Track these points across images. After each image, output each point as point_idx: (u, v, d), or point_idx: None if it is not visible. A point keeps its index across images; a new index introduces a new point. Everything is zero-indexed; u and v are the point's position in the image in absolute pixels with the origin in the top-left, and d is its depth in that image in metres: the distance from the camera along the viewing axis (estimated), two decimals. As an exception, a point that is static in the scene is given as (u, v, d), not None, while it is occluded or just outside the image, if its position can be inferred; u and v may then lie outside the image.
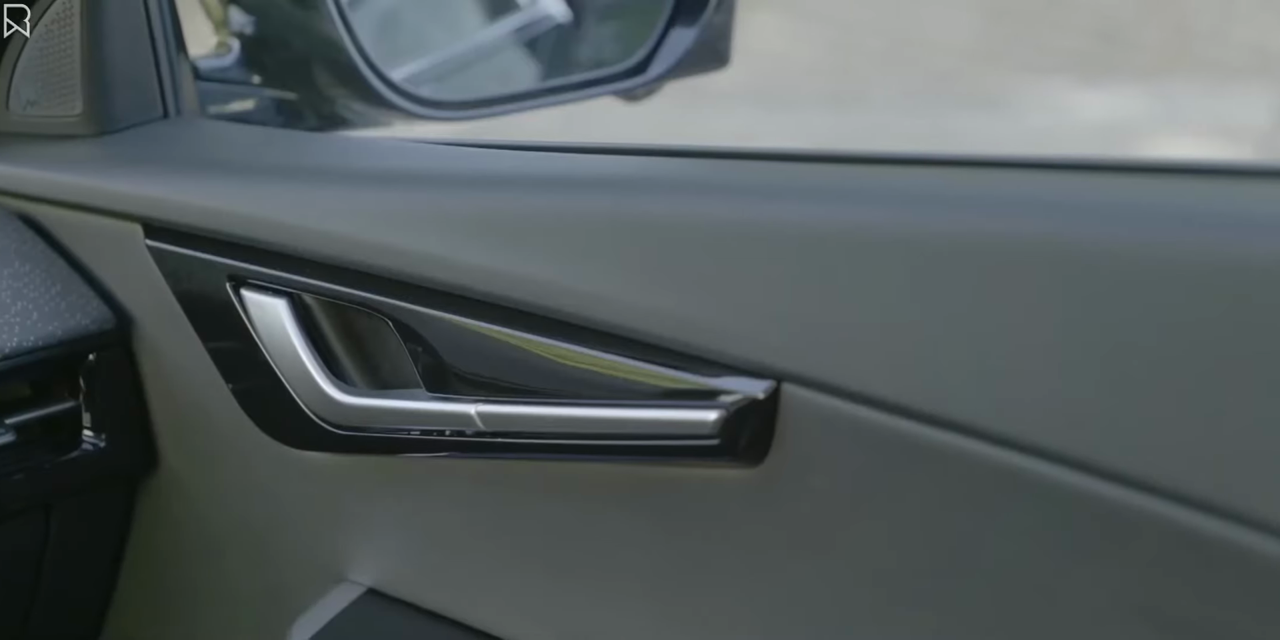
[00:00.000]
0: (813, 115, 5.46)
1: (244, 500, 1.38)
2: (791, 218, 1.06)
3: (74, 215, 1.40)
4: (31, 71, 1.47)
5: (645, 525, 1.16)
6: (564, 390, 1.12)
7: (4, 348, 1.32)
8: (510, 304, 1.13)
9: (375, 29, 1.65)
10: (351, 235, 1.21)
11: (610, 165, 1.25)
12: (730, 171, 1.20)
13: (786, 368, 1.03)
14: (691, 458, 1.09)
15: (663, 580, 1.16)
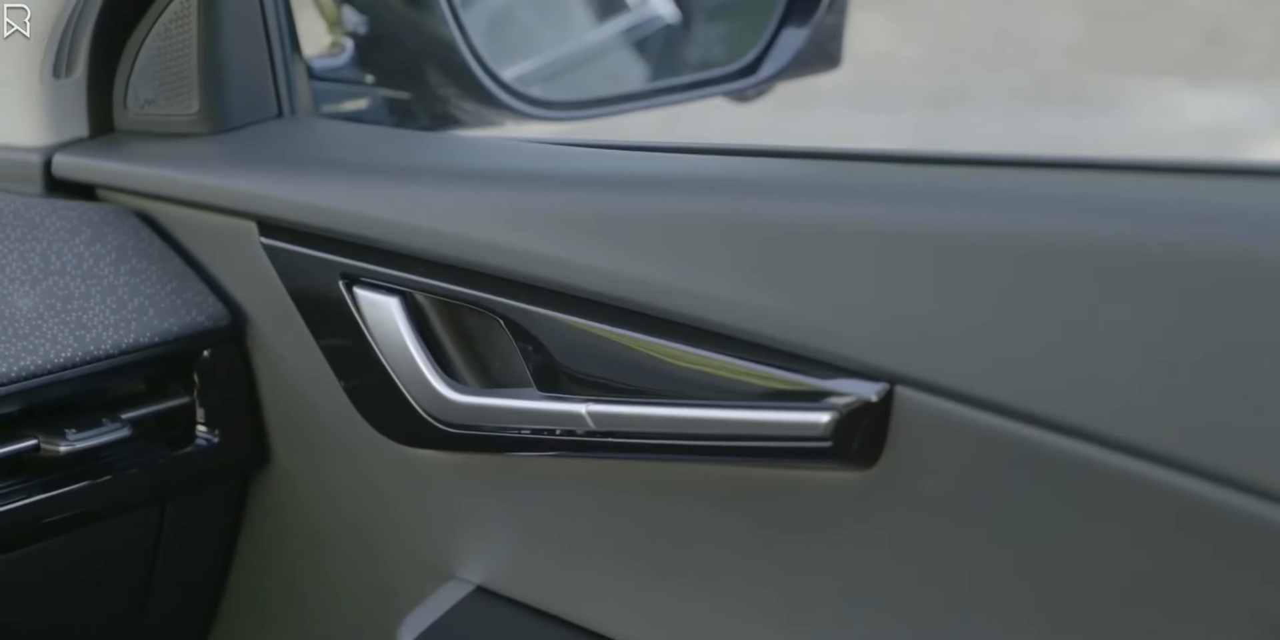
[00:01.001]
0: (917, 116, 5.44)
1: (354, 497, 1.39)
2: (904, 219, 1.05)
3: (190, 213, 1.41)
4: (149, 71, 1.48)
5: (752, 527, 1.16)
6: (675, 391, 1.12)
7: (121, 343, 1.34)
8: (621, 304, 1.13)
9: (486, 28, 1.66)
10: (463, 234, 1.21)
11: (720, 166, 1.25)
12: (838, 172, 1.20)
13: (900, 370, 1.02)
14: (802, 460, 1.09)
15: (768, 583, 1.16)
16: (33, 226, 1.37)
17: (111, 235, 1.40)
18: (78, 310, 1.33)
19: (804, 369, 1.06)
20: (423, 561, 1.35)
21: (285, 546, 1.46)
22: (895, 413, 1.03)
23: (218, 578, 1.50)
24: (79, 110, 1.51)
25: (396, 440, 1.30)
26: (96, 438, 1.32)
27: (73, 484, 1.33)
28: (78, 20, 1.46)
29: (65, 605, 1.42)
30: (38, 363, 1.29)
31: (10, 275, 1.32)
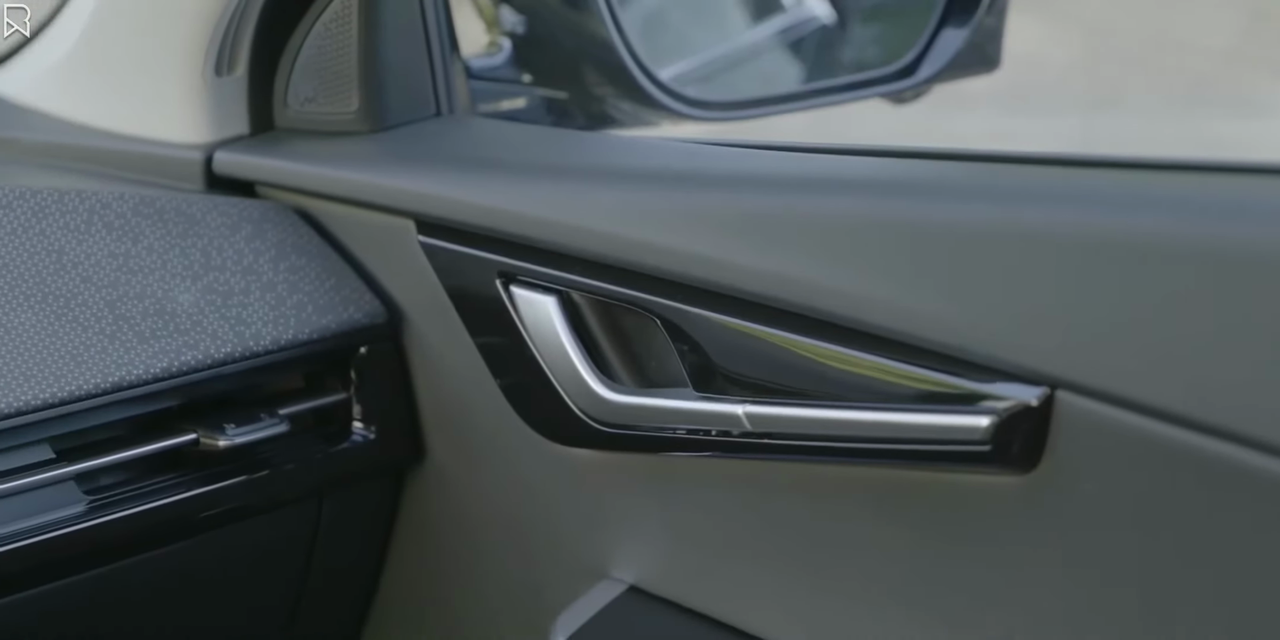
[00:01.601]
0: (1068, 119, 5.39)
1: (508, 495, 1.40)
2: (1065, 222, 1.04)
3: (349, 210, 1.42)
4: (309, 69, 1.50)
5: (907, 530, 1.15)
6: (831, 392, 1.12)
7: (280, 339, 1.35)
8: (778, 305, 1.13)
9: (641, 28, 1.66)
10: (621, 234, 1.21)
11: (876, 167, 1.24)
12: (994, 175, 1.19)
13: (1060, 374, 1.01)
14: (960, 463, 1.07)
15: (923, 587, 1.15)
16: (194, 222, 1.39)
17: (271, 232, 1.41)
18: (237, 306, 1.35)
19: (962, 372, 1.05)
20: (576, 560, 1.36)
21: (439, 543, 1.47)
22: (1055, 417, 1.02)
23: (372, 574, 1.51)
24: (240, 108, 1.53)
25: (551, 439, 1.31)
26: (255, 433, 1.33)
27: (230, 479, 1.34)
28: (240, 19, 1.48)
29: (221, 599, 1.43)
30: (198, 358, 1.30)
31: (172, 271, 1.34)
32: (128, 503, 1.29)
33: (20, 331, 1.24)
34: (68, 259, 1.31)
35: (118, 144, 1.57)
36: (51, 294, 1.28)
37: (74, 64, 1.64)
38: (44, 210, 1.32)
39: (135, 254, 1.34)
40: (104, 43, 1.59)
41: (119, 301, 1.30)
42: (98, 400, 1.25)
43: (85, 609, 1.33)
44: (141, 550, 1.32)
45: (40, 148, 1.62)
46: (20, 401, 1.21)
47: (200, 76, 1.50)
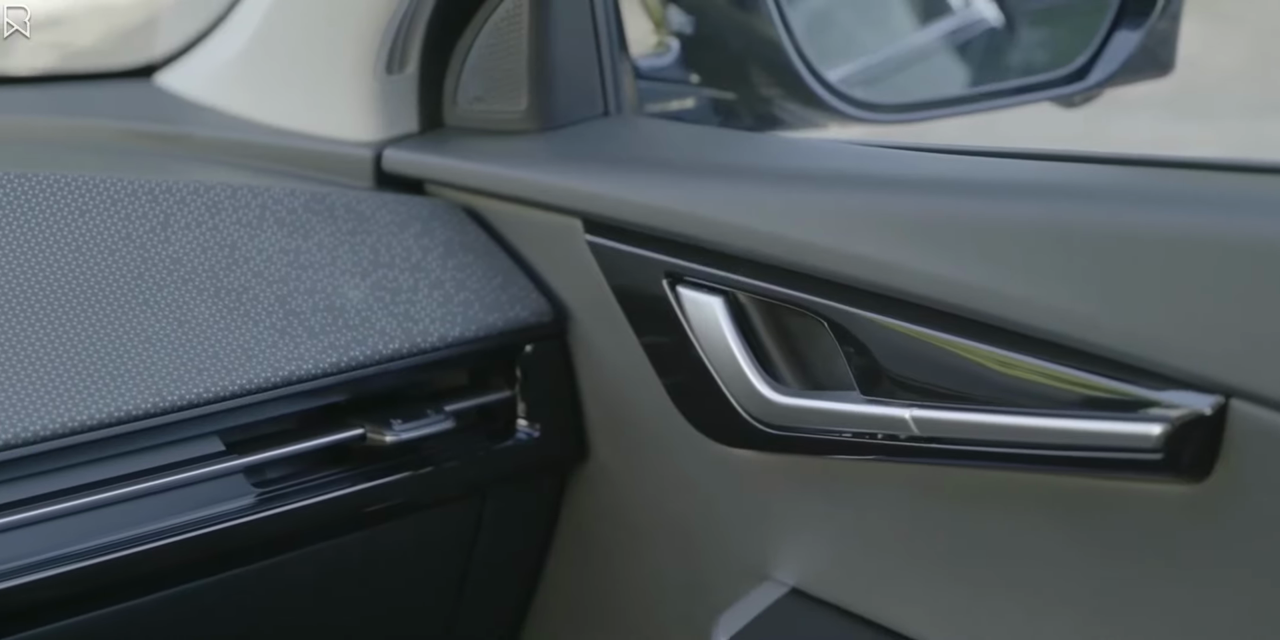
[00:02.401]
0: (1239, 124, 5.31)
1: (671, 494, 1.40)
2: (1239, 228, 1.03)
3: (516, 209, 1.43)
4: (479, 68, 1.51)
5: (1073, 538, 1.13)
6: (999, 397, 1.11)
7: (447, 337, 1.36)
8: (946, 308, 1.12)
9: (808, 29, 1.65)
10: (789, 236, 1.21)
11: (1045, 172, 1.23)
12: (1166, 180, 1.18)
13: (1235, 382, 0.99)
14: (1130, 471, 1.06)
15: (1088, 597, 1.14)
16: (363, 220, 1.40)
17: (439, 230, 1.42)
18: (405, 303, 1.36)
19: (1132, 378, 1.04)
20: (738, 561, 1.35)
21: (601, 541, 1.47)
22: (1230, 426, 1.00)
23: (533, 572, 1.51)
24: (409, 106, 1.54)
25: (715, 439, 1.31)
26: (421, 429, 1.34)
27: (395, 474, 1.35)
28: (411, 17, 1.49)
29: (383, 594, 1.44)
30: (366, 353, 1.31)
31: (341, 267, 1.35)
32: (295, 496, 1.30)
33: (193, 325, 1.26)
34: (240, 254, 1.32)
35: (289, 141, 1.59)
36: (224, 288, 1.29)
37: (247, 61, 1.67)
38: (217, 205, 1.34)
39: (306, 250, 1.35)
40: (277, 40, 1.61)
41: (289, 297, 1.31)
42: (267, 394, 1.27)
43: (250, 601, 1.34)
44: (306, 544, 1.34)
45: (212, 143, 1.64)
46: (192, 394, 1.22)
47: (371, 74, 1.52)
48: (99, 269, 1.26)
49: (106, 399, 1.19)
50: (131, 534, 1.21)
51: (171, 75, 1.80)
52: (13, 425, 1.15)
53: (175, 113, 1.73)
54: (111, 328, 1.23)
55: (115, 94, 1.85)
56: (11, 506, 1.16)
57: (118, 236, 1.28)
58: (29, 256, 1.24)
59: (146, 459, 1.23)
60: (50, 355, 1.19)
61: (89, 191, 1.29)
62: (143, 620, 1.27)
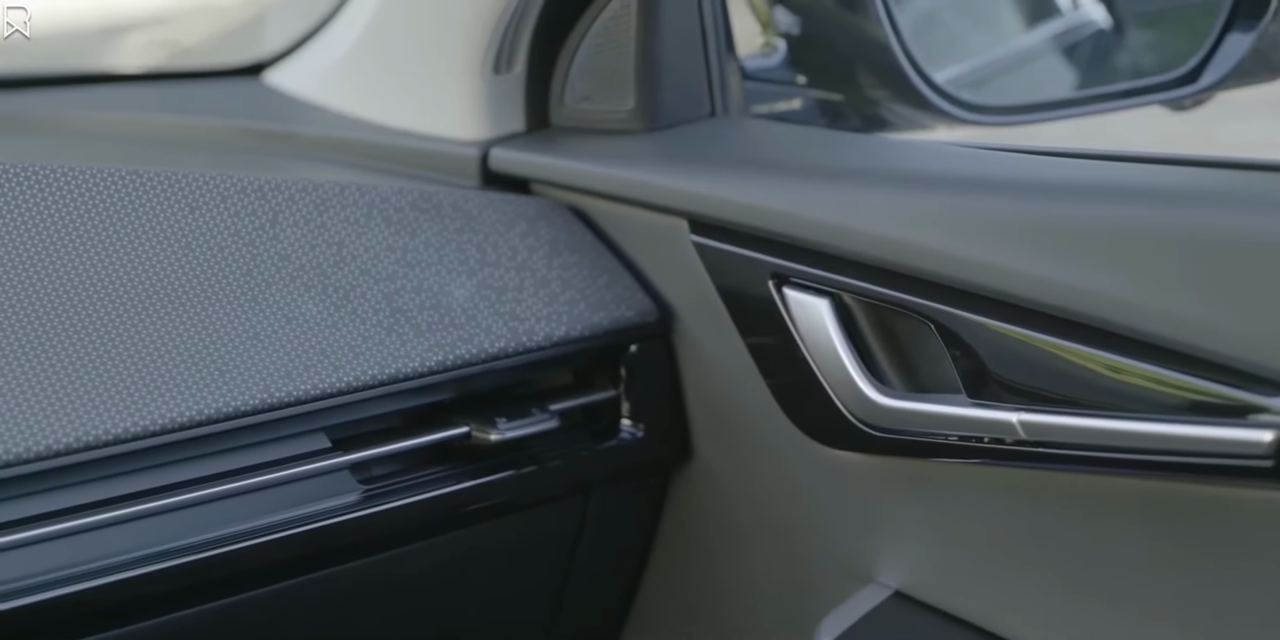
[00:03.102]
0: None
1: (774, 495, 1.39)
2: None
3: (622, 209, 1.43)
4: (586, 68, 1.51)
5: (1180, 545, 1.12)
6: (1106, 401, 1.10)
7: (552, 336, 1.36)
8: (1055, 311, 1.11)
9: (914, 30, 1.64)
10: (897, 238, 1.20)
11: (1155, 175, 1.22)
12: (1276, 184, 1.16)
13: None
14: (1238, 478, 1.05)
15: (1194, 604, 1.12)
16: (470, 218, 1.40)
17: (545, 229, 1.42)
18: (511, 302, 1.36)
19: (1242, 384, 1.02)
20: (841, 563, 1.35)
21: (703, 542, 1.47)
22: None
23: (635, 572, 1.51)
24: (516, 105, 1.55)
25: (819, 441, 1.30)
26: (525, 427, 1.34)
27: (499, 473, 1.36)
28: (519, 18, 1.49)
29: (485, 593, 1.45)
30: (472, 352, 1.32)
31: (448, 266, 1.36)
32: (399, 494, 1.31)
33: (301, 322, 1.26)
34: (348, 252, 1.33)
35: (396, 139, 1.60)
36: (332, 286, 1.30)
37: (355, 60, 1.68)
38: (326, 203, 1.35)
39: (413, 248, 1.36)
40: (386, 40, 1.62)
41: (396, 294, 1.32)
42: (374, 391, 1.27)
43: (352, 599, 1.35)
44: (409, 542, 1.34)
45: (320, 142, 1.66)
46: (300, 391, 1.23)
47: (479, 74, 1.52)
48: (208, 266, 1.27)
49: (215, 395, 1.20)
50: (237, 530, 1.22)
51: (280, 74, 1.82)
52: (123, 420, 1.16)
53: (283, 111, 1.75)
54: (220, 324, 1.24)
55: (224, 92, 1.87)
56: (120, 501, 1.17)
57: (227, 233, 1.29)
58: (140, 253, 1.25)
59: (253, 455, 1.24)
60: (161, 351, 1.20)
61: (199, 188, 1.30)
62: (245, 616, 1.27)
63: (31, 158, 1.26)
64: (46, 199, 1.24)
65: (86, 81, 2.05)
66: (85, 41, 3.70)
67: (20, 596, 1.13)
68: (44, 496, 1.14)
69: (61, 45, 3.65)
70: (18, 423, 1.12)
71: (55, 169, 1.26)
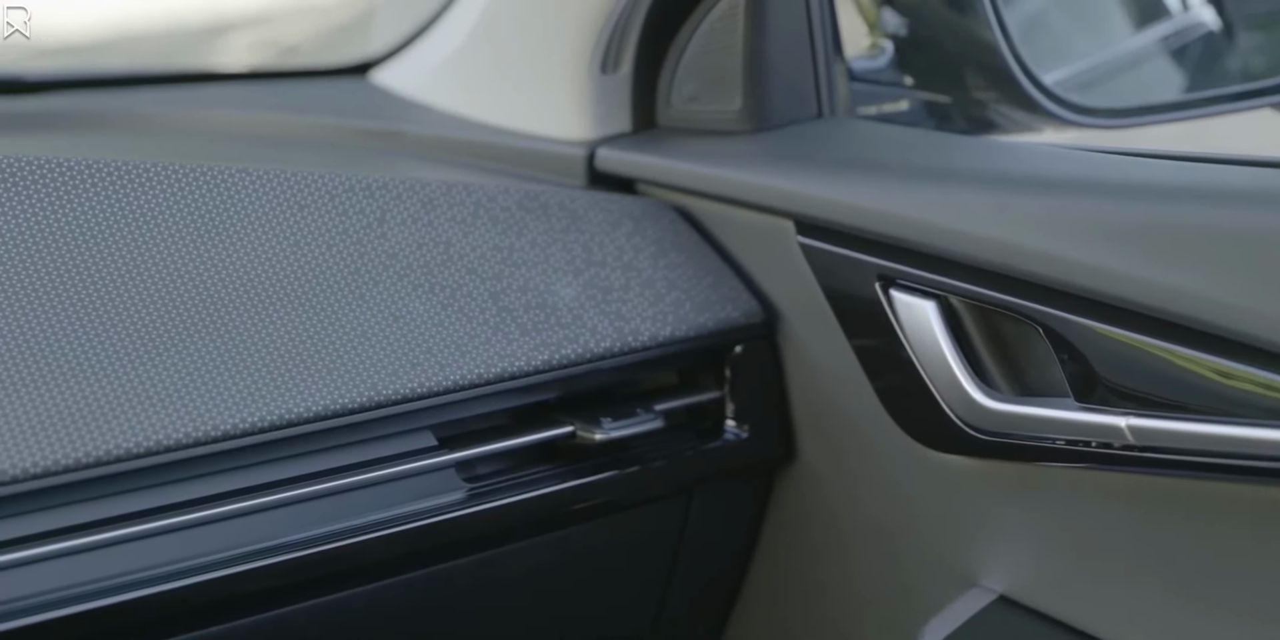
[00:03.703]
0: None
1: (878, 498, 1.39)
2: None
3: (728, 209, 1.43)
4: (694, 68, 1.51)
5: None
6: (1218, 407, 1.09)
7: (658, 336, 1.36)
8: (1165, 316, 1.10)
9: (1023, 31, 1.63)
10: (1006, 240, 1.20)
11: (1265, 179, 1.21)
12: None
13: None
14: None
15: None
16: (576, 218, 1.41)
17: (651, 229, 1.43)
18: (617, 301, 1.36)
19: None
20: (945, 566, 1.34)
21: (806, 544, 1.47)
22: None
23: (737, 573, 1.51)
24: (623, 105, 1.55)
25: (925, 443, 1.30)
26: (630, 427, 1.34)
27: (604, 472, 1.36)
28: (627, 18, 1.49)
29: (588, 592, 1.45)
30: (578, 351, 1.32)
31: (554, 265, 1.36)
32: (504, 492, 1.31)
33: (409, 320, 1.27)
34: (454, 250, 1.33)
35: (502, 138, 1.61)
36: (439, 284, 1.30)
37: (462, 60, 1.69)
38: (433, 202, 1.35)
39: (519, 248, 1.36)
40: (493, 40, 1.63)
41: (502, 293, 1.32)
42: (480, 390, 1.28)
43: (456, 597, 1.35)
44: (513, 541, 1.35)
45: (426, 141, 1.66)
46: (407, 389, 1.24)
47: (587, 74, 1.52)
48: (317, 264, 1.28)
49: (323, 392, 1.20)
50: (342, 526, 1.23)
51: (386, 73, 1.83)
52: (232, 417, 1.16)
53: (390, 110, 1.76)
54: (328, 322, 1.24)
55: (331, 91, 1.88)
56: (227, 497, 1.18)
57: (335, 231, 1.30)
58: (250, 251, 1.26)
59: (360, 452, 1.24)
60: (270, 348, 1.21)
61: (308, 187, 1.31)
62: (347, 614, 1.28)
63: (141, 155, 1.28)
64: (157, 196, 1.25)
65: (193, 80, 2.07)
66: (191, 40, 3.74)
67: (125, 592, 1.14)
68: (153, 491, 1.16)
69: (167, 44, 3.69)
70: (130, 419, 1.13)
71: (166, 166, 1.27)
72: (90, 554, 1.12)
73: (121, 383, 1.15)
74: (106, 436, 1.12)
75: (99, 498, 1.13)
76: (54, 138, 1.68)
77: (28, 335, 1.14)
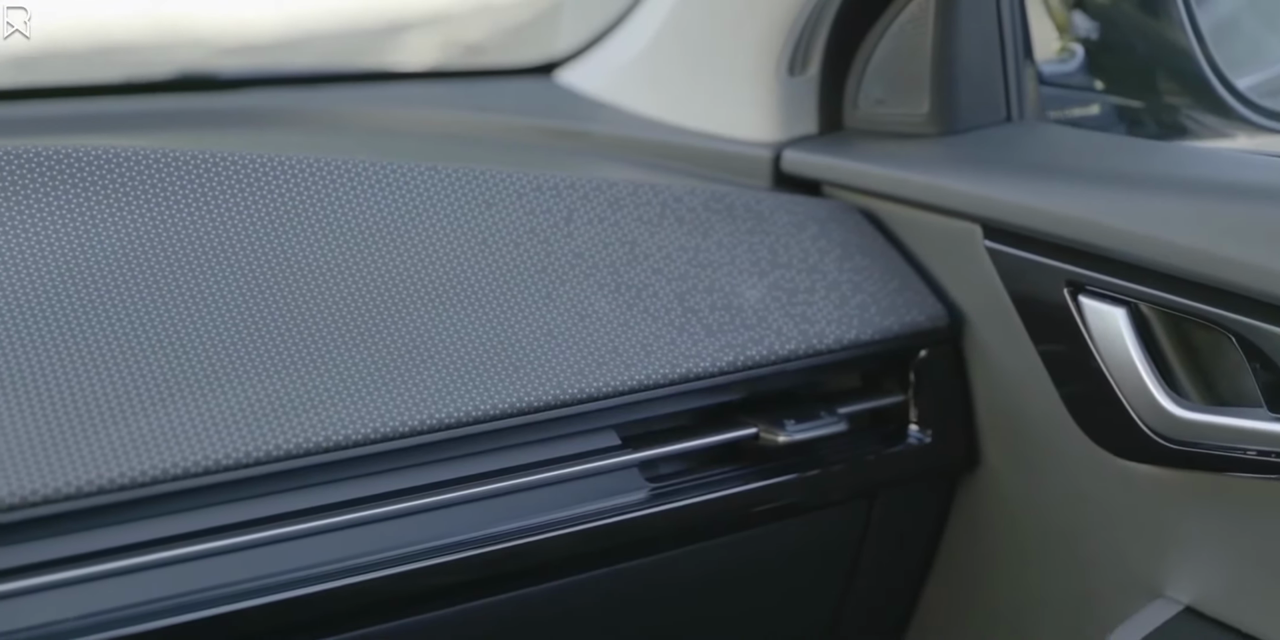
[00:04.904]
0: None
1: (1062, 506, 1.37)
2: None
3: (914, 213, 1.42)
4: (882, 71, 1.50)
5: None
6: None
7: (842, 339, 1.35)
8: None
9: (1216, 35, 1.60)
10: (1199, 248, 1.18)
11: None
12: None
13: None
14: None
15: None
16: (762, 219, 1.41)
17: (836, 231, 1.42)
18: (802, 304, 1.36)
19: None
20: (1130, 576, 1.33)
21: (987, 550, 1.46)
22: None
23: (917, 577, 1.50)
24: (809, 107, 1.55)
25: (1112, 451, 1.28)
26: (814, 430, 1.34)
27: (786, 475, 1.36)
28: (815, 20, 1.49)
29: (766, 595, 1.45)
30: (763, 353, 1.32)
31: (739, 266, 1.36)
32: (686, 493, 1.31)
33: (595, 319, 1.27)
34: (640, 250, 1.34)
35: (687, 139, 1.61)
36: (624, 284, 1.31)
37: (649, 60, 1.69)
38: (619, 202, 1.36)
39: (705, 248, 1.36)
40: (681, 41, 1.63)
41: (688, 294, 1.32)
42: (665, 390, 1.28)
43: (634, 596, 1.36)
44: (693, 541, 1.35)
45: (610, 140, 1.67)
46: (592, 388, 1.24)
47: (774, 76, 1.53)
48: (504, 262, 1.28)
49: (509, 390, 1.21)
50: (527, 524, 1.24)
51: (572, 73, 1.84)
52: (419, 413, 1.17)
53: (575, 109, 1.77)
54: (515, 320, 1.25)
55: (517, 90, 1.89)
56: (415, 491, 1.20)
57: (523, 230, 1.31)
58: (438, 249, 1.27)
59: (545, 450, 1.25)
60: (457, 346, 1.22)
61: (496, 185, 1.32)
62: (530, 610, 1.29)
63: (330, 153, 1.29)
64: (348, 193, 1.27)
65: (379, 79, 2.10)
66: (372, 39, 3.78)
67: (313, 584, 1.15)
68: (344, 484, 1.17)
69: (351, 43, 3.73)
70: (326, 413, 1.15)
71: (357, 164, 1.28)
72: (284, 545, 1.14)
73: (321, 377, 1.16)
74: (306, 430, 1.13)
75: (294, 489, 1.15)
76: (246, 134, 1.71)
77: (231, 329, 1.17)
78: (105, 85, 1.90)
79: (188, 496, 1.10)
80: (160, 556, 1.10)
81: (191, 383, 1.13)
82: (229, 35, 3.82)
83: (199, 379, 1.13)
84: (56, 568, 1.07)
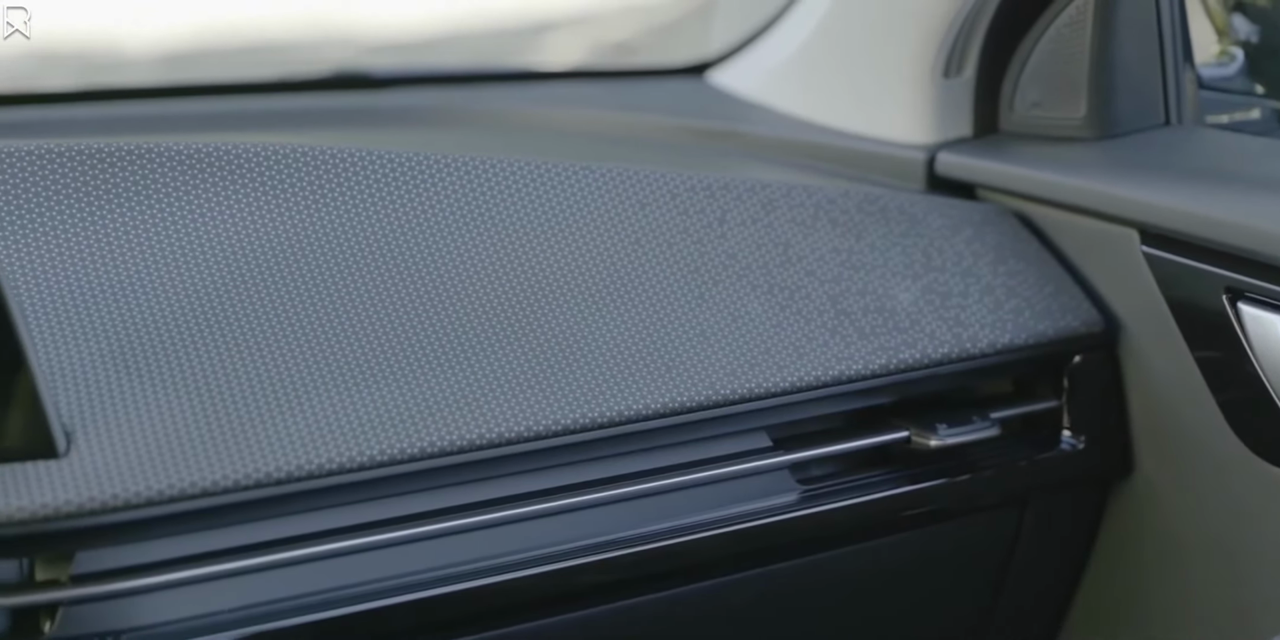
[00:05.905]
0: None
1: (1218, 514, 1.36)
2: None
3: (1069, 217, 1.41)
4: (1039, 74, 1.49)
5: None
6: None
7: (996, 343, 1.34)
8: None
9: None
10: None
11: None
12: None
13: None
14: None
15: None
16: (915, 222, 1.40)
17: (991, 235, 1.41)
18: (955, 307, 1.35)
19: None
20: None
21: (1140, 558, 1.44)
22: None
23: (1068, 586, 1.49)
24: (964, 110, 1.54)
25: (1271, 461, 1.27)
26: (967, 434, 1.33)
27: (937, 479, 1.35)
28: (971, 22, 1.48)
29: (914, 599, 1.44)
30: (915, 356, 1.31)
31: (892, 269, 1.35)
32: (836, 496, 1.31)
33: (748, 320, 1.27)
34: (793, 252, 1.34)
35: (839, 140, 1.61)
36: (777, 285, 1.30)
37: (802, 61, 1.69)
38: (773, 203, 1.36)
39: (858, 251, 1.36)
40: (835, 42, 1.63)
41: (841, 296, 1.32)
42: (817, 392, 1.28)
43: (782, 598, 1.35)
44: (842, 545, 1.35)
45: (761, 141, 1.67)
46: (744, 389, 1.24)
47: (929, 78, 1.52)
48: (658, 262, 1.29)
49: (662, 391, 1.21)
50: (678, 524, 1.24)
51: (724, 73, 1.84)
52: (572, 412, 1.18)
53: (728, 110, 1.77)
54: (668, 321, 1.25)
55: (669, 91, 1.90)
56: (567, 490, 1.20)
57: (676, 230, 1.31)
58: (592, 249, 1.27)
59: (697, 451, 1.25)
60: (610, 346, 1.22)
61: (650, 186, 1.32)
62: (679, 609, 1.29)
63: (484, 152, 1.30)
64: (502, 192, 1.28)
65: (530, 78, 2.11)
66: (521, 39, 3.80)
67: (461, 581, 1.16)
68: (499, 481, 1.18)
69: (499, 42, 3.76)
70: (474, 411, 1.15)
71: (512, 163, 1.29)
72: (432, 542, 1.15)
73: (475, 375, 1.17)
74: (459, 427, 1.14)
75: (445, 486, 1.16)
76: (398, 132, 1.72)
77: (386, 326, 1.18)
78: (260, 83, 1.92)
79: (341, 492, 1.12)
80: (312, 551, 1.12)
81: (349, 379, 1.14)
82: (378, 34, 3.86)
83: (356, 375, 1.14)
84: (212, 560, 1.09)
